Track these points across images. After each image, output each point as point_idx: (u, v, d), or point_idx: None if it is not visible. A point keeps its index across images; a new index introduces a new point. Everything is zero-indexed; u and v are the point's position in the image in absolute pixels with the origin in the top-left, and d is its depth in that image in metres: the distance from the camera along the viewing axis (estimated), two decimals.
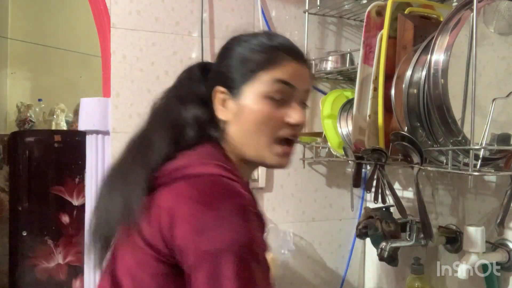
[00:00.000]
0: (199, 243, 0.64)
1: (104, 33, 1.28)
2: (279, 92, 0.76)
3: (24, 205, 2.49)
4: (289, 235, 1.46)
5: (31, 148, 2.50)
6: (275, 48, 0.78)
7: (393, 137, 1.02)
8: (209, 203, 0.66)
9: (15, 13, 2.97)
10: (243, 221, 0.65)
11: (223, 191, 0.67)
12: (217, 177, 0.69)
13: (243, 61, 0.77)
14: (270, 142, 0.76)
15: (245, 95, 0.76)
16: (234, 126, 0.77)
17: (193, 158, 0.73)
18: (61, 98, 2.92)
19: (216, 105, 0.78)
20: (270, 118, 0.75)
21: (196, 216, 0.65)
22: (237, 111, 0.76)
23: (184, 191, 0.68)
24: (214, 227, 0.64)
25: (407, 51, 1.08)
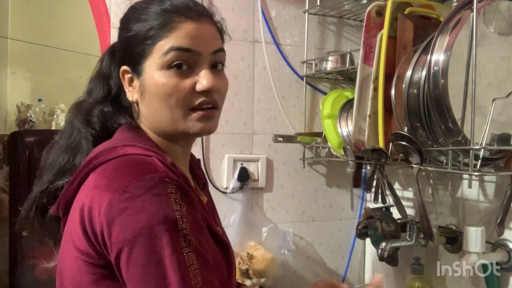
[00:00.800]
0: (115, 232, 0.59)
1: (104, 33, 1.28)
2: (178, 60, 0.70)
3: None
4: (289, 235, 1.46)
5: (31, 148, 2.49)
6: (167, 11, 0.71)
7: (393, 137, 1.02)
8: (117, 187, 0.61)
9: (15, 13, 2.96)
10: (156, 196, 0.60)
11: (130, 170, 0.63)
12: (125, 157, 0.65)
13: (139, 33, 0.72)
14: (185, 113, 0.71)
15: (146, 70, 0.71)
16: (143, 104, 0.73)
17: (101, 148, 0.70)
18: (61, 98, 2.91)
19: (125, 86, 0.75)
20: (176, 89, 0.70)
21: (106, 206, 0.61)
22: (141, 89, 0.72)
23: (92, 183, 0.65)
24: (125, 211, 0.59)
25: (407, 51, 1.08)
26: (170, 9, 0.71)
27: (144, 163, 0.64)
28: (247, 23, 1.44)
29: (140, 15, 0.72)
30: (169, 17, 0.71)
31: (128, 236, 0.59)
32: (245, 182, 1.41)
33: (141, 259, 0.58)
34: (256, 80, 1.45)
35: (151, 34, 0.70)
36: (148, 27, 0.71)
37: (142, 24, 0.71)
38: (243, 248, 1.35)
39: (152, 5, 0.72)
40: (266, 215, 1.47)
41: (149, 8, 0.72)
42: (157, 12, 0.71)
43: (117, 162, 0.65)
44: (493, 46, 0.97)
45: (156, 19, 0.71)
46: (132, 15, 0.74)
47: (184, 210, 0.61)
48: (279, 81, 1.48)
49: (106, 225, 0.60)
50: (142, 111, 0.74)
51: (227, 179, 1.40)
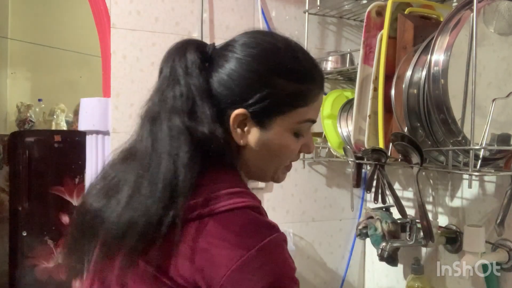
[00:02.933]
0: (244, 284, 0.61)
1: (104, 33, 1.28)
2: (305, 129, 0.75)
3: (24, 205, 2.49)
4: (289, 235, 1.46)
5: (31, 148, 2.50)
6: (310, 78, 0.72)
7: (393, 137, 1.02)
8: (245, 244, 0.62)
9: (15, 13, 2.96)
10: (280, 257, 0.64)
11: (254, 228, 0.64)
12: (242, 211, 0.65)
13: (276, 90, 0.69)
14: (284, 167, 0.77)
15: (274, 126, 0.71)
16: (252, 152, 0.72)
17: (215, 188, 0.66)
18: (61, 98, 2.92)
19: (233, 126, 0.70)
20: (292, 151, 0.74)
21: (233, 259, 0.61)
22: (260, 140, 0.71)
23: (216, 232, 0.63)
24: (255, 269, 0.61)
25: (407, 51, 1.08)
26: (316, 79, 0.73)
27: (264, 221, 0.66)
28: (247, 23, 1.44)
29: (290, 72, 0.71)
30: (314, 88, 0.73)
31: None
32: None
33: None
34: None
35: (296, 98, 0.71)
36: (295, 90, 0.71)
37: (292, 86, 0.70)
38: None
39: (303, 67, 0.72)
40: None
41: (300, 68, 0.72)
42: (307, 78, 0.72)
43: (239, 216, 0.65)
44: (493, 46, 0.97)
45: (308, 89, 0.72)
46: (285, 68, 0.71)
47: (294, 266, 0.66)
48: None
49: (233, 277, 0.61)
50: (247, 156, 0.73)
51: None
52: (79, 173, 2.55)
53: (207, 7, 1.38)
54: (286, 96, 0.70)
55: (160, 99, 0.71)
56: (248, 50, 0.71)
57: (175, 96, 0.69)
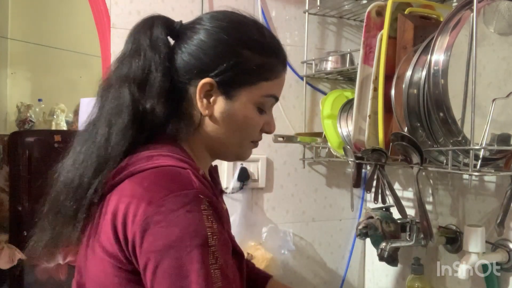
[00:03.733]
0: (146, 242, 0.61)
1: (104, 33, 1.28)
2: (269, 105, 0.79)
3: (24, 205, 2.49)
4: (289, 235, 1.46)
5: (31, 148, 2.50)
6: (274, 53, 0.76)
7: (393, 137, 1.02)
8: (154, 200, 0.62)
9: (15, 13, 2.96)
10: (190, 212, 0.62)
11: (167, 184, 0.64)
12: (162, 169, 0.66)
13: (243, 60, 0.72)
14: (247, 143, 0.79)
15: (239, 97, 0.73)
16: (216, 123, 0.74)
17: (139, 156, 0.69)
18: (61, 98, 2.92)
19: (198, 95, 0.72)
20: (255, 125, 0.77)
21: (141, 215, 0.62)
22: (225, 111, 0.73)
23: (128, 190, 0.65)
24: (159, 223, 0.61)
25: (407, 51, 1.08)
26: (280, 56, 0.77)
27: (181, 177, 0.65)
28: None
29: (259, 48, 0.74)
30: (277, 63, 0.76)
31: (159, 247, 0.60)
32: (245, 182, 1.41)
33: (168, 271, 0.60)
34: None
35: (261, 72, 0.74)
36: (262, 64, 0.74)
37: (258, 58, 0.74)
38: (243, 248, 1.35)
39: (268, 42, 0.76)
40: (266, 215, 1.47)
41: (265, 42, 0.75)
42: (276, 54, 0.76)
43: (155, 173, 0.66)
44: (493, 46, 0.97)
45: (272, 63, 0.75)
46: (250, 40, 0.74)
47: (214, 227, 0.63)
48: None
49: (139, 234, 0.61)
50: (210, 127, 0.75)
51: (227, 179, 1.40)
52: None
53: (207, 7, 1.38)
54: (252, 67, 0.73)
55: (117, 68, 0.73)
56: (217, 22, 0.74)
57: (131, 66, 0.71)
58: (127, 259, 0.64)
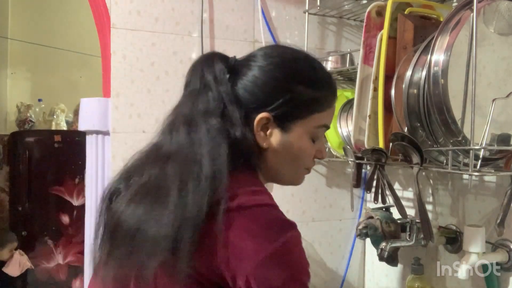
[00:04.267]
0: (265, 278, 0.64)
1: (104, 33, 1.28)
2: (320, 134, 0.81)
3: (24, 205, 2.50)
4: None
5: (31, 148, 2.50)
6: (326, 86, 0.79)
7: (393, 137, 1.02)
8: (271, 237, 0.66)
9: (15, 13, 2.97)
10: (300, 252, 0.68)
11: (278, 223, 0.68)
12: (267, 208, 0.70)
13: (296, 95, 0.75)
14: (302, 170, 0.83)
15: (293, 129, 0.76)
16: (273, 154, 0.77)
17: (240, 187, 0.71)
18: (61, 98, 2.92)
19: (257, 129, 0.75)
20: (309, 154, 0.80)
21: (259, 251, 0.64)
22: (281, 143, 0.76)
23: (242, 225, 0.66)
24: (278, 262, 0.65)
25: (407, 51, 1.08)
26: (331, 88, 0.80)
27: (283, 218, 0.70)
28: (247, 23, 1.44)
29: (308, 80, 0.77)
30: (330, 95, 0.80)
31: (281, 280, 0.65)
32: None
33: None
34: None
35: (315, 105, 0.77)
36: (316, 97, 0.77)
37: (312, 92, 0.77)
38: None
39: (319, 76, 0.79)
40: None
41: (316, 76, 0.79)
42: (323, 85, 0.79)
43: (262, 211, 0.69)
44: (493, 46, 0.97)
45: (325, 96, 0.79)
46: (305, 75, 0.78)
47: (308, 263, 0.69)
48: None
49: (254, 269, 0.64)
50: (269, 158, 0.78)
51: None
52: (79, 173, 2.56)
53: (207, 7, 1.38)
54: (305, 101, 0.76)
55: (192, 105, 0.74)
56: (270, 59, 0.77)
57: (208, 101, 0.74)
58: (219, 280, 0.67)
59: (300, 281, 0.66)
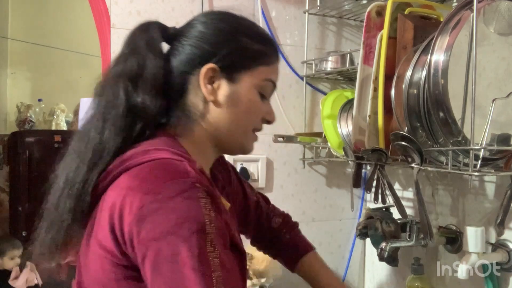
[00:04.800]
0: (144, 231, 0.61)
1: (104, 33, 1.28)
2: (268, 91, 0.80)
3: (24, 205, 2.49)
4: None
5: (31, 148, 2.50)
6: (270, 42, 0.80)
7: (393, 137, 1.02)
8: (150, 188, 0.62)
9: (15, 13, 2.97)
10: (187, 199, 0.62)
11: (164, 173, 0.64)
12: (158, 161, 0.66)
13: (248, 49, 0.76)
14: (250, 132, 0.80)
15: (242, 81, 0.76)
16: (221, 108, 0.75)
17: (135, 150, 0.70)
18: (61, 98, 2.92)
19: (202, 82, 0.74)
20: (258, 111, 0.79)
21: (137, 205, 0.62)
22: (229, 94, 0.75)
23: (125, 183, 0.66)
24: (157, 211, 0.61)
25: (407, 51, 1.08)
26: (274, 45, 0.82)
27: (177, 167, 0.65)
28: None
29: (257, 37, 0.79)
30: (272, 50, 0.80)
31: (157, 235, 0.60)
32: None
33: (167, 258, 0.59)
34: None
35: (261, 57, 0.78)
36: (261, 50, 0.78)
37: (256, 45, 0.78)
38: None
39: (263, 32, 0.82)
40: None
41: (261, 32, 0.81)
42: (267, 39, 0.80)
43: (151, 165, 0.66)
44: (493, 46, 0.97)
45: (265, 45, 0.79)
46: (248, 31, 0.79)
47: (212, 215, 0.62)
48: (279, 81, 1.46)
49: (136, 224, 0.61)
50: (216, 113, 0.76)
51: None
52: None
53: (207, 7, 1.38)
54: (251, 53, 0.77)
55: (112, 67, 0.76)
56: (213, 15, 0.80)
57: (126, 64, 0.73)
58: (124, 254, 0.64)
59: (176, 234, 0.59)
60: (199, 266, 0.58)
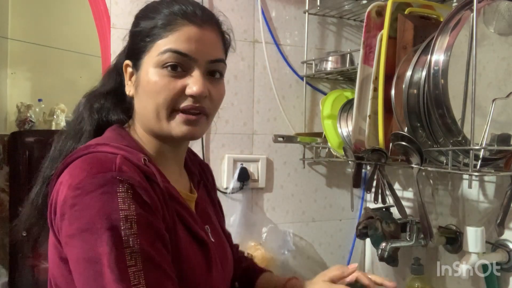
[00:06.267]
0: (64, 227, 0.62)
1: (104, 33, 1.28)
2: (173, 62, 0.71)
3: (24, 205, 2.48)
4: (289, 235, 1.46)
5: (31, 148, 2.49)
6: (173, 13, 0.73)
7: (393, 137, 1.02)
8: (73, 183, 0.63)
9: (15, 13, 2.96)
10: (104, 195, 0.61)
11: (89, 167, 0.64)
12: (90, 155, 0.67)
13: (143, 30, 0.74)
14: (170, 113, 0.72)
15: (143, 65, 0.73)
16: (137, 99, 0.76)
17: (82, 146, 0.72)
18: (61, 98, 2.91)
19: (126, 80, 0.78)
20: (166, 88, 0.71)
21: (61, 200, 0.64)
22: (136, 83, 0.75)
23: (61, 178, 0.67)
24: (74, 207, 0.62)
25: (407, 51, 1.08)
26: (176, 12, 0.73)
27: (103, 161, 0.65)
28: (247, 23, 1.44)
29: (149, 13, 0.75)
30: (173, 18, 0.72)
31: (73, 231, 0.61)
32: (245, 182, 1.41)
33: (82, 255, 0.60)
34: (256, 80, 1.45)
35: (154, 32, 0.73)
36: (152, 25, 0.73)
37: (148, 22, 0.74)
38: (243, 249, 1.35)
39: (163, 6, 0.75)
40: (266, 215, 1.47)
41: (159, 8, 0.75)
42: (165, 12, 0.73)
43: (82, 159, 0.67)
44: (493, 46, 0.97)
45: (161, 19, 0.73)
46: (143, 12, 0.78)
47: (132, 210, 0.62)
48: (279, 81, 1.48)
49: (59, 219, 0.64)
50: (135, 106, 0.77)
51: (227, 179, 1.40)
52: None
53: (207, 7, 1.37)
54: (145, 33, 0.74)
55: None
56: None
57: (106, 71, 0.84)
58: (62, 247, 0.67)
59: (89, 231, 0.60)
60: (113, 262, 0.58)
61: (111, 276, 0.58)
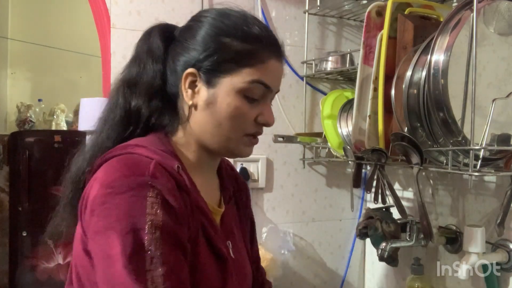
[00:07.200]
0: (92, 223, 0.64)
1: (104, 33, 1.28)
2: (256, 92, 0.75)
3: (24, 205, 2.49)
4: (289, 235, 1.46)
5: (31, 148, 2.49)
6: (262, 42, 0.74)
7: (393, 137, 1.02)
8: (107, 182, 0.65)
9: (15, 13, 2.96)
10: (133, 197, 0.62)
11: (124, 168, 0.66)
12: (126, 156, 0.68)
13: (223, 47, 0.73)
14: (240, 137, 0.76)
15: (221, 85, 0.73)
16: (202, 113, 0.75)
17: (120, 145, 0.73)
18: (61, 98, 2.92)
19: (184, 85, 0.75)
20: (243, 115, 0.74)
21: (93, 196, 0.65)
22: (209, 99, 0.74)
23: (96, 174, 0.68)
24: (104, 205, 0.63)
25: (407, 51, 1.08)
26: (265, 42, 0.75)
27: (138, 164, 0.67)
28: None
29: (237, 32, 0.74)
30: (259, 47, 0.74)
31: (99, 228, 0.63)
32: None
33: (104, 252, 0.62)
34: None
35: (239, 56, 0.73)
36: (241, 49, 0.73)
37: (236, 43, 0.73)
38: None
39: (251, 29, 0.75)
40: (266, 215, 1.47)
41: (248, 29, 0.74)
42: (254, 38, 0.74)
43: (119, 158, 0.68)
44: (493, 46, 0.97)
45: (247, 43, 0.74)
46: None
47: (159, 216, 0.63)
48: None
49: (89, 214, 0.65)
50: (196, 117, 0.76)
51: None
52: None
53: (207, 7, 1.38)
54: (232, 54, 0.73)
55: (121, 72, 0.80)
56: (203, 17, 0.77)
57: (129, 71, 0.78)
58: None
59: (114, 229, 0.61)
60: (131, 264, 0.59)
61: (129, 277, 0.59)
